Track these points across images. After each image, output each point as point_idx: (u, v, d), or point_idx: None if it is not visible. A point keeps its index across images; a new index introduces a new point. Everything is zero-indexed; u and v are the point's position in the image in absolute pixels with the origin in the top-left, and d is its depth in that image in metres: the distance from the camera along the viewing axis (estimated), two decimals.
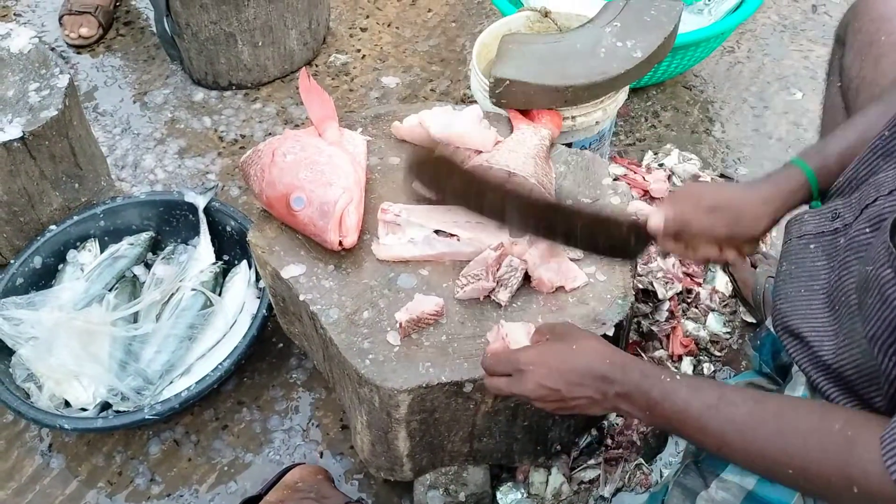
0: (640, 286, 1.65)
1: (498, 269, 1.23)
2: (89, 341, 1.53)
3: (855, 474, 0.76)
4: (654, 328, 1.62)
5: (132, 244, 1.73)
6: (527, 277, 1.26)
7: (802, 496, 0.94)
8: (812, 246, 0.99)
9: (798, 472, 0.81)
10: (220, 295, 1.64)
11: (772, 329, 1.10)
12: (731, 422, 0.85)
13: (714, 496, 1.00)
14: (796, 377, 1.02)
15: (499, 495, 1.42)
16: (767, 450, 0.83)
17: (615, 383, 0.94)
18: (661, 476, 1.46)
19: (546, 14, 1.81)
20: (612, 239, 1.13)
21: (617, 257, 1.20)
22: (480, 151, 1.42)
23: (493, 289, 1.23)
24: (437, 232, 1.32)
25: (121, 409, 1.48)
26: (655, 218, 1.09)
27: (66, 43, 2.38)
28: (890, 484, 0.73)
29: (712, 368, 1.60)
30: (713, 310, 1.67)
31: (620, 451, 1.47)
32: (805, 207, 1.09)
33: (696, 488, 1.03)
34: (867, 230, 0.88)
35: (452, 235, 1.31)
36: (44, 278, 1.68)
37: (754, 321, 1.65)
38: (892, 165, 0.92)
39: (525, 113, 1.53)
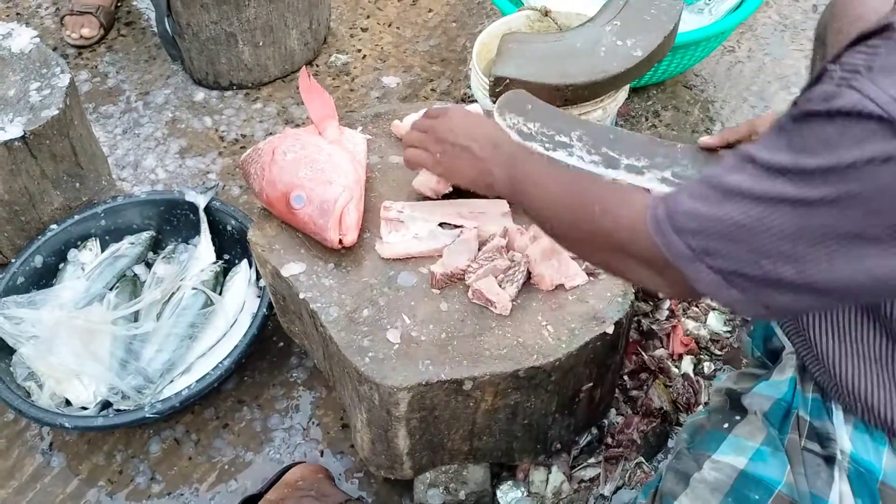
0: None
1: (508, 252, 1.27)
2: (90, 340, 1.53)
3: (616, 217, 0.85)
4: (655, 327, 1.63)
5: (133, 243, 1.73)
6: (528, 276, 1.26)
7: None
8: None
9: (571, 226, 0.92)
10: (220, 294, 1.64)
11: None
12: (556, 180, 0.99)
13: (707, 477, 1.01)
14: (786, 360, 1.04)
15: (499, 494, 1.42)
16: (574, 189, 0.95)
17: (500, 147, 1.12)
18: None
19: (546, 13, 1.82)
20: (670, 162, 1.26)
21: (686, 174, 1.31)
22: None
23: (507, 269, 1.24)
24: (441, 225, 1.32)
25: (121, 407, 1.48)
26: (705, 137, 1.27)
27: (68, 43, 2.38)
28: (641, 227, 0.81)
29: (713, 367, 1.60)
30: (713, 308, 1.67)
31: (621, 449, 1.47)
32: None
33: (689, 471, 1.04)
34: None
35: (457, 227, 1.31)
36: (45, 277, 1.68)
37: None
38: None
39: None
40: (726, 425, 1.04)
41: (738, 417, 1.04)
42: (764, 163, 0.73)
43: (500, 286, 1.23)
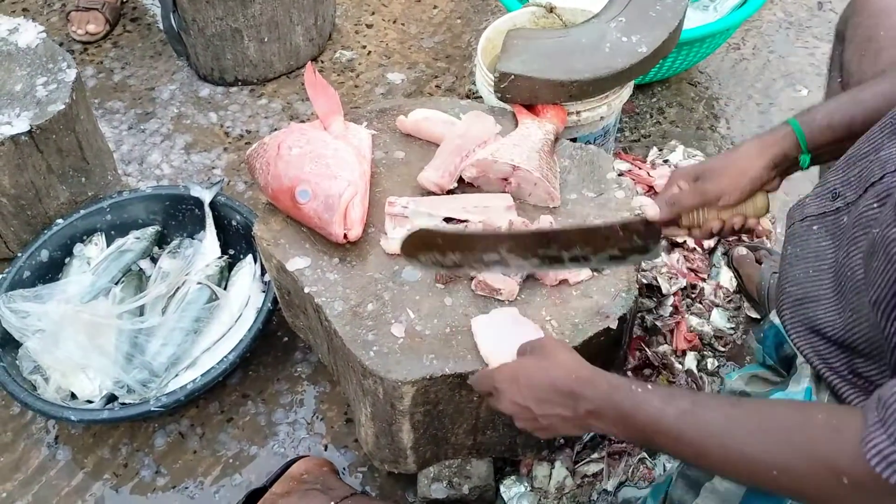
0: (645, 281, 1.65)
1: None
2: (95, 334, 1.54)
3: (843, 464, 0.73)
4: (658, 323, 1.63)
5: (138, 238, 1.74)
6: None
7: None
8: (815, 227, 0.99)
9: (783, 470, 0.77)
10: (225, 289, 1.65)
11: (775, 320, 1.10)
12: (708, 424, 0.82)
13: (718, 486, 1.01)
14: (801, 369, 1.02)
15: (502, 488, 1.43)
16: (748, 451, 0.79)
17: (583, 399, 0.91)
18: (665, 470, 1.46)
19: (551, 9, 1.82)
20: (619, 243, 1.13)
21: (635, 258, 1.17)
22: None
23: None
24: (447, 220, 1.32)
25: (126, 401, 1.49)
26: (650, 208, 1.12)
27: (74, 39, 2.39)
28: (864, 466, 0.70)
29: (716, 363, 1.60)
30: (717, 305, 1.67)
31: (624, 445, 1.47)
32: (807, 190, 1.09)
33: (700, 479, 1.03)
34: (874, 205, 0.88)
35: (463, 221, 1.31)
36: (51, 272, 1.69)
37: (758, 317, 1.65)
38: None
39: (530, 108, 1.53)
40: None
41: None
42: None
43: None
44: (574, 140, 1.60)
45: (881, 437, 0.69)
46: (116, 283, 1.67)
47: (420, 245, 1.12)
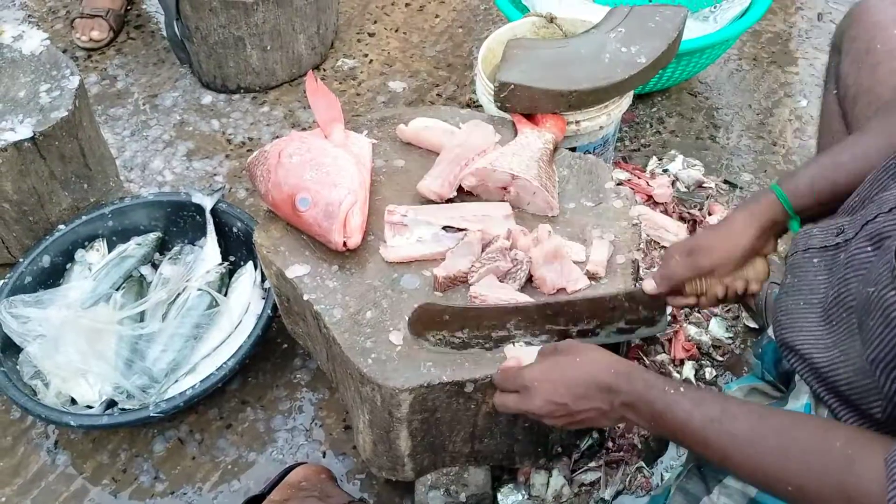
0: None
1: (511, 251, 1.27)
2: (96, 339, 1.55)
3: (853, 495, 0.75)
4: None
5: (139, 244, 1.74)
6: (529, 278, 1.27)
7: None
8: (815, 260, 0.99)
9: (797, 489, 0.80)
10: (225, 295, 1.66)
11: (773, 337, 1.11)
12: (733, 436, 0.85)
13: (716, 502, 1.01)
14: (799, 385, 1.03)
15: (500, 496, 1.43)
16: (767, 466, 0.83)
17: (620, 393, 0.95)
18: (662, 479, 1.46)
19: (551, 20, 1.83)
20: (625, 314, 1.16)
21: (643, 330, 1.20)
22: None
23: (509, 270, 1.24)
24: (445, 228, 1.33)
25: (126, 406, 1.50)
26: (647, 283, 1.14)
27: (78, 46, 2.40)
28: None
29: (714, 373, 1.61)
30: (715, 315, 1.68)
31: (621, 453, 1.47)
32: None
33: (698, 493, 1.03)
34: (868, 248, 0.89)
35: (461, 230, 1.32)
36: (52, 277, 1.70)
37: (756, 326, 1.65)
38: None
39: (529, 117, 1.54)
40: None
41: None
42: None
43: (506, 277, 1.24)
44: (573, 149, 1.61)
45: None
46: (117, 289, 1.68)
47: (428, 322, 1.16)
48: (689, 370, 1.60)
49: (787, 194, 1.08)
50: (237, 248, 1.75)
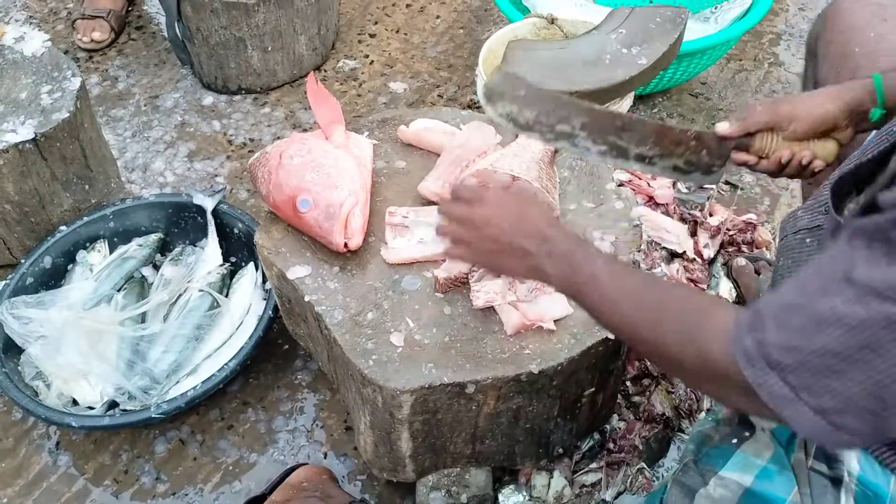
0: None
1: None
2: (97, 340, 1.55)
3: (708, 349, 0.80)
4: None
5: (141, 245, 1.75)
6: None
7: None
8: (808, 240, 1.00)
9: (664, 342, 0.85)
10: (226, 296, 1.66)
11: None
12: (623, 290, 0.91)
13: (712, 493, 1.01)
14: None
15: (501, 497, 1.43)
16: (644, 318, 0.88)
17: (553, 242, 0.98)
18: (663, 480, 1.46)
19: (552, 21, 1.83)
20: (687, 153, 1.15)
21: (697, 176, 1.17)
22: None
23: None
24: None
25: (128, 407, 1.50)
26: (721, 125, 1.13)
27: (79, 47, 2.41)
28: (728, 358, 0.76)
29: None
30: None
31: (622, 455, 1.47)
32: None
33: (694, 486, 1.03)
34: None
35: None
36: (53, 278, 1.70)
37: None
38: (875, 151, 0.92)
39: None
40: (735, 440, 1.03)
41: (746, 433, 1.03)
42: (863, 283, 0.66)
43: (509, 289, 1.24)
44: None
45: (748, 339, 0.75)
46: (119, 290, 1.68)
47: (503, 91, 1.13)
48: None
49: (885, 82, 1.07)
50: (238, 250, 1.75)
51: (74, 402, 1.54)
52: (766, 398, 0.72)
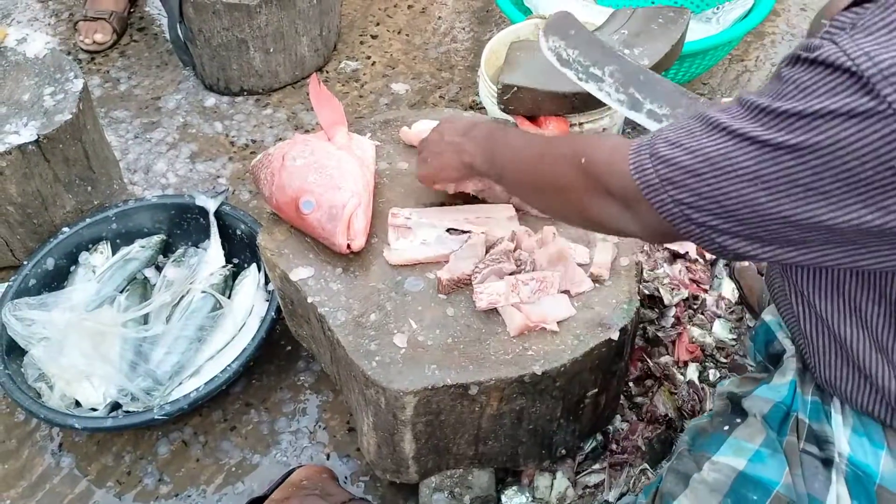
0: (647, 292, 1.66)
1: (515, 251, 1.27)
2: (100, 342, 1.55)
3: (591, 155, 0.88)
4: (660, 334, 1.63)
5: (143, 247, 1.75)
6: None
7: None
8: None
9: (555, 167, 0.94)
10: (229, 297, 1.66)
11: (766, 318, 1.11)
12: (534, 141, 1.06)
13: (706, 478, 1.02)
14: (787, 363, 1.05)
15: (504, 499, 1.43)
16: (535, 168, 1.01)
17: (475, 128, 1.17)
18: None
19: None
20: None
21: None
22: None
23: (513, 272, 1.24)
24: (449, 231, 1.33)
25: (130, 409, 1.50)
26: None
27: (81, 48, 2.41)
28: (616, 157, 0.84)
29: (718, 374, 1.61)
30: (719, 316, 1.68)
31: (625, 456, 1.47)
32: None
33: (689, 472, 1.05)
34: None
35: (465, 232, 1.32)
36: (56, 280, 1.70)
37: None
38: None
39: (532, 119, 1.54)
40: (727, 427, 1.05)
41: (738, 420, 1.05)
42: (747, 103, 0.74)
43: (512, 291, 1.24)
44: None
45: (643, 140, 0.83)
46: (121, 292, 1.68)
47: (558, 27, 1.31)
48: (692, 372, 1.60)
49: None
50: (241, 251, 1.75)
51: (77, 404, 1.54)
52: (639, 183, 0.79)
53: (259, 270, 1.68)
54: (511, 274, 1.25)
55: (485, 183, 1.28)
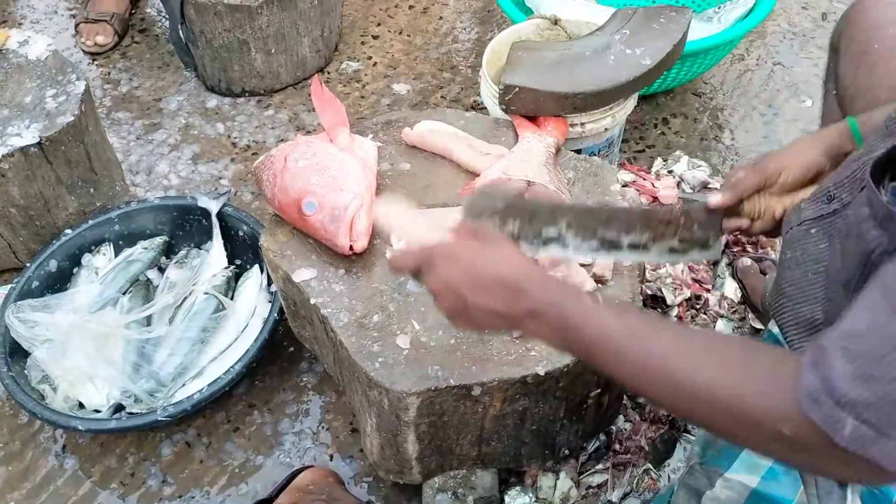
0: (649, 292, 1.66)
1: None
2: (103, 344, 1.55)
3: (777, 404, 0.69)
4: None
5: (146, 248, 1.75)
6: None
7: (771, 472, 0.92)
8: (813, 230, 0.98)
9: (716, 403, 0.74)
10: (232, 299, 1.66)
11: (773, 330, 1.11)
12: (654, 346, 0.78)
13: (719, 495, 1.01)
14: None
15: (507, 499, 1.43)
16: (692, 379, 0.76)
17: (527, 298, 0.84)
18: (669, 481, 1.46)
19: (556, 22, 1.83)
20: (679, 231, 1.11)
21: (695, 254, 1.14)
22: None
23: None
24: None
25: (134, 410, 1.50)
26: (712, 196, 1.11)
27: (82, 50, 2.41)
28: (794, 408, 0.67)
29: None
30: (722, 316, 1.68)
31: (629, 456, 1.47)
32: (806, 193, 1.09)
33: (701, 488, 1.03)
34: (867, 209, 0.86)
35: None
36: (59, 281, 1.70)
37: (763, 328, 1.65)
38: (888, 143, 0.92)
39: (532, 119, 1.54)
40: None
41: None
42: None
43: None
44: (578, 151, 1.61)
45: (811, 376, 0.66)
46: (124, 293, 1.68)
47: (482, 208, 1.09)
48: None
49: (860, 125, 1.08)
50: (243, 252, 1.75)
51: (80, 406, 1.54)
52: (843, 441, 0.63)
53: (261, 271, 1.68)
54: None
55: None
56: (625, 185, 1.47)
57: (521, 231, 1.09)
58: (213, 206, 1.73)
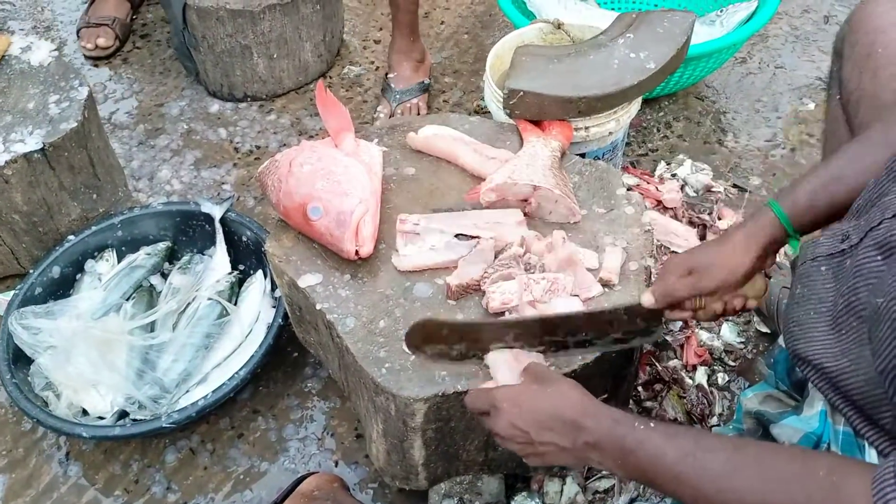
0: None
1: (524, 256, 1.26)
2: (107, 350, 1.55)
3: None
4: (669, 338, 1.63)
5: (149, 254, 1.74)
6: None
7: None
8: (823, 268, 0.99)
9: None
10: (235, 304, 1.65)
11: (785, 346, 1.10)
12: (708, 469, 0.83)
13: None
14: (814, 393, 1.02)
15: None
16: (746, 499, 0.80)
17: (585, 431, 0.92)
18: None
19: (559, 26, 1.83)
20: (623, 327, 1.16)
21: (638, 340, 1.19)
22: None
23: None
24: (457, 236, 1.33)
25: (138, 417, 1.49)
26: (645, 297, 1.13)
27: (84, 55, 2.41)
28: None
29: (726, 378, 1.60)
30: (727, 320, 1.67)
31: None
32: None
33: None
34: (876, 257, 0.87)
35: (474, 237, 1.32)
36: (62, 288, 1.70)
37: (768, 331, 1.65)
38: None
39: (536, 123, 1.54)
40: None
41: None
42: None
43: (525, 289, 1.23)
44: (583, 155, 1.60)
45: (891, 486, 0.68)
46: (127, 299, 1.67)
47: (426, 336, 1.14)
48: (701, 375, 1.59)
49: (787, 212, 1.07)
50: (247, 257, 1.74)
51: (84, 413, 1.53)
52: None
53: (265, 277, 1.68)
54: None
55: None
56: (629, 189, 1.46)
57: (469, 351, 1.15)
58: (217, 212, 1.73)
